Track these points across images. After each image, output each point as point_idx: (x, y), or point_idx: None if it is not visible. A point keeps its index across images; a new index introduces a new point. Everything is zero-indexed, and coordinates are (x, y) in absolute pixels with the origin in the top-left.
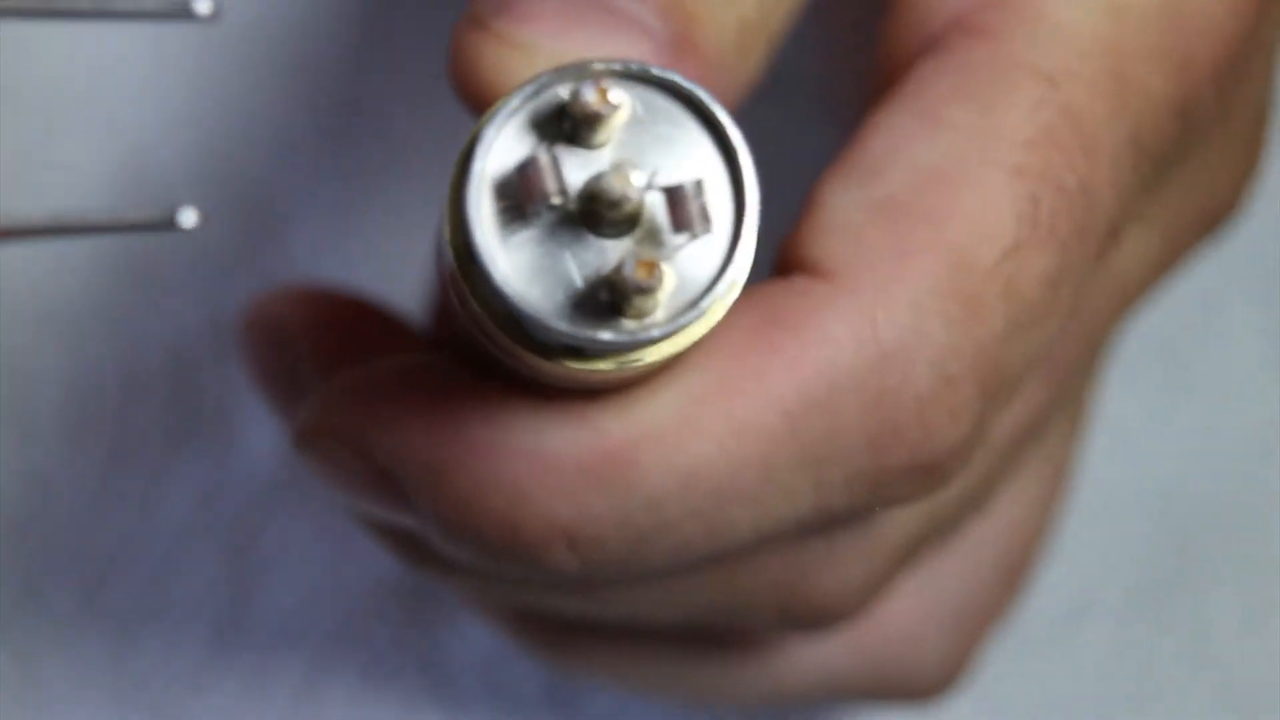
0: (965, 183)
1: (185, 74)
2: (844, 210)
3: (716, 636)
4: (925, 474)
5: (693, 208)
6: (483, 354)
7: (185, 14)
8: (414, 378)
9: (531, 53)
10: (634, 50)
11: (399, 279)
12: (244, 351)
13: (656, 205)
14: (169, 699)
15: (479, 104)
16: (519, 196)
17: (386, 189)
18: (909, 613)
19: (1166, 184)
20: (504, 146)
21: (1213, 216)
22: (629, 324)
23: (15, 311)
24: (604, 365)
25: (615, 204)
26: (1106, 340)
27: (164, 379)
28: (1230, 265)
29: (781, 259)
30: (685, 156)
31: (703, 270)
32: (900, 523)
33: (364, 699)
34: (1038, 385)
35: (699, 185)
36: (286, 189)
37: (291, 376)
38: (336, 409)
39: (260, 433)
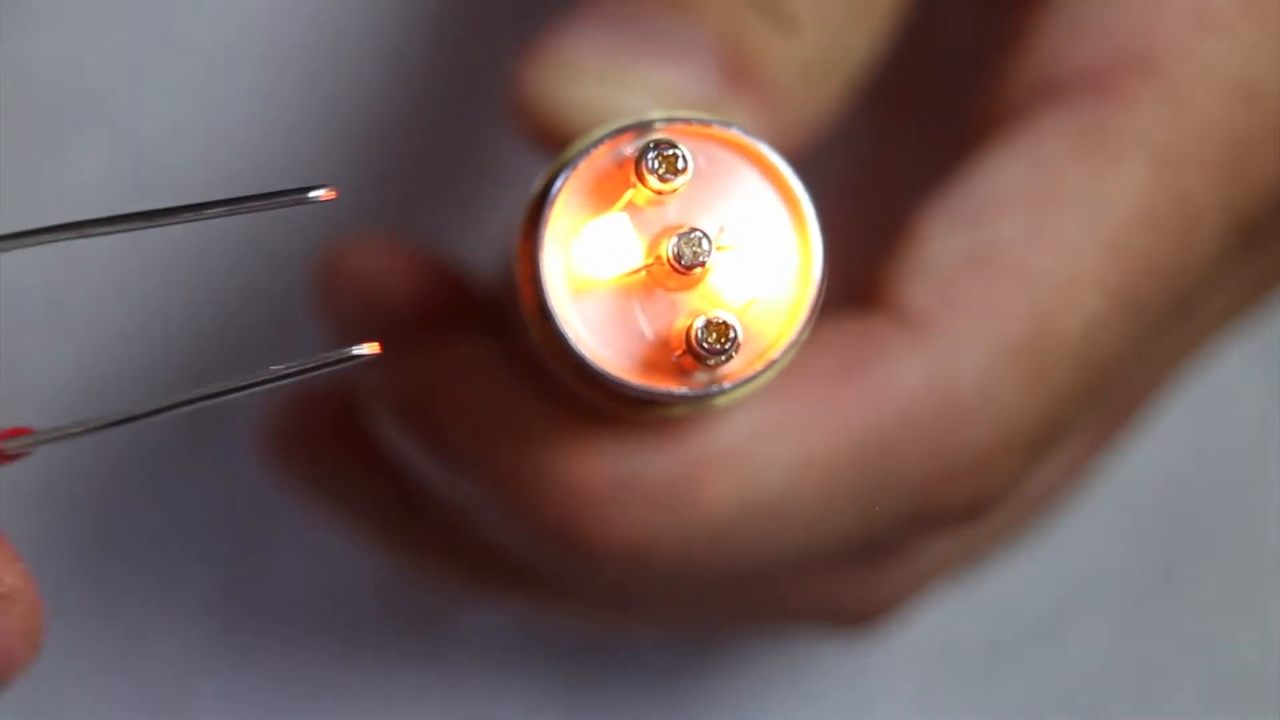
0: (1062, 250)
1: (196, 80)
2: (940, 253)
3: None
4: (967, 511)
5: (759, 268)
6: (556, 381)
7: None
8: (495, 375)
9: (587, 81)
10: (688, 81)
11: None
12: (324, 292)
13: (724, 260)
14: (180, 698)
15: (539, 136)
16: (589, 260)
17: (395, 188)
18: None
19: (1258, 253)
20: (570, 206)
21: None
22: (701, 377)
23: (24, 310)
24: (676, 410)
25: (685, 269)
26: (1165, 384)
27: (174, 378)
28: None
29: (869, 288)
30: (750, 207)
31: (772, 317)
32: (936, 547)
33: (376, 693)
34: (1089, 429)
35: (765, 241)
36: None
37: (372, 325)
38: (424, 385)
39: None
